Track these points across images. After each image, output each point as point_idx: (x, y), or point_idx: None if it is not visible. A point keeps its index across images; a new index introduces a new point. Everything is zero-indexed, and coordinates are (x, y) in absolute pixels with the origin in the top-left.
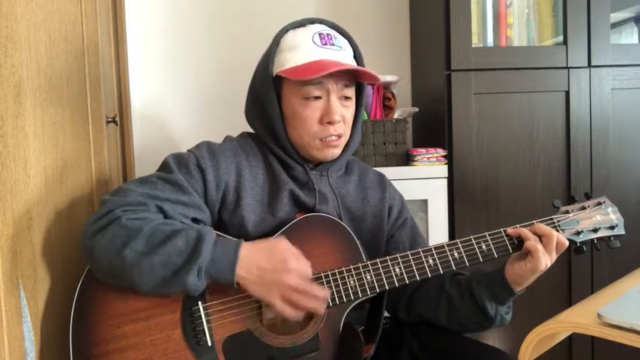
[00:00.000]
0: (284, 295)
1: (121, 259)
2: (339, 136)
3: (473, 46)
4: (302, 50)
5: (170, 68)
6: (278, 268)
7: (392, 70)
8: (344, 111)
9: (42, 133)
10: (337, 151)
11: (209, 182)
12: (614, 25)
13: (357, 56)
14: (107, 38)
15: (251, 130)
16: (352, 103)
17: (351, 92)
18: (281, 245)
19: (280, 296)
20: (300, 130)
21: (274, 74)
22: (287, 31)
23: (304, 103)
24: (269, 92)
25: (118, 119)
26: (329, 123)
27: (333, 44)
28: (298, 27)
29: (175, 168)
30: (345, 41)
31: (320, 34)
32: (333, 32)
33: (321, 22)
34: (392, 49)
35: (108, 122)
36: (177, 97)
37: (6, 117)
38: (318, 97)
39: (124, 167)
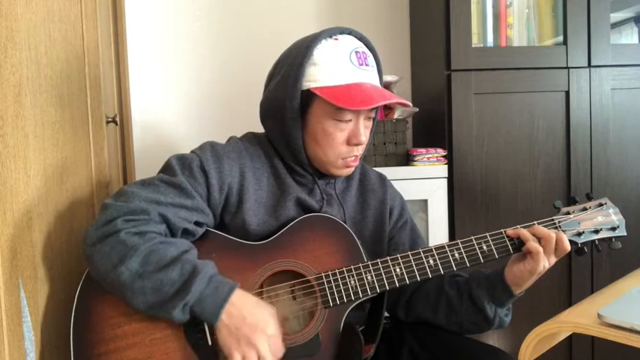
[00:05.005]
0: (247, 356)
1: (115, 275)
2: (357, 156)
3: (473, 46)
4: (339, 69)
5: (170, 68)
6: (257, 327)
7: (392, 70)
8: (367, 132)
9: (42, 133)
10: (353, 169)
11: (212, 185)
12: (614, 25)
13: (379, 71)
14: (107, 38)
15: (256, 130)
16: (372, 122)
17: (374, 113)
18: (270, 309)
19: (243, 355)
20: (327, 148)
21: (305, 88)
22: (319, 41)
23: (336, 124)
24: (294, 104)
25: (118, 119)
26: (355, 144)
27: (367, 64)
28: (330, 38)
29: (179, 170)
30: (372, 57)
31: (356, 53)
32: (365, 50)
33: (350, 32)
34: (392, 49)
35: (108, 122)
36: (177, 97)
37: (6, 117)
38: (349, 120)
39: (124, 167)
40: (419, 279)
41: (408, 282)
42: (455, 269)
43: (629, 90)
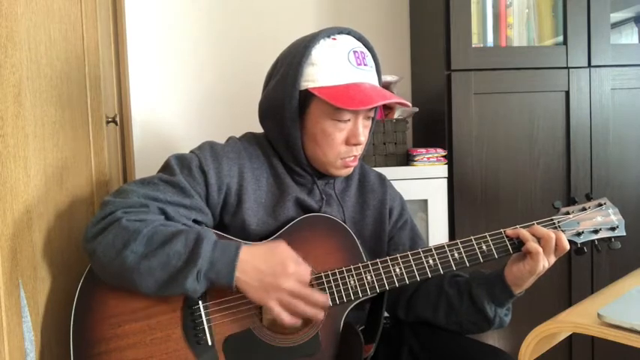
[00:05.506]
0: (281, 299)
1: (121, 260)
2: (356, 156)
3: (473, 46)
4: (337, 69)
5: (170, 68)
6: (276, 272)
7: (392, 70)
8: (366, 131)
9: (42, 133)
10: (352, 169)
11: (211, 185)
12: (614, 25)
13: (378, 71)
14: (107, 38)
15: (255, 130)
16: (371, 121)
17: (373, 113)
18: (280, 248)
19: (278, 300)
20: (326, 149)
21: (303, 88)
22: (317, 41)
23: (335, 125)
24: (292, 105)
25: (118, 119)
26: (354, 144)
27: (366, 64)
28: (328, 37)
29: (177, 170)
30: (370, 56)
31: (355, 53)
32: (364, 49)
33: (349, 32)
34: (392, 49)
35: (108, 122)
36: (177, 97)
37: (6, 117)
38: (347, 120)
39: (124, 167)
40: (418, 279)
41: (407, 282)
42: (454, 269)
43: (629, 90)
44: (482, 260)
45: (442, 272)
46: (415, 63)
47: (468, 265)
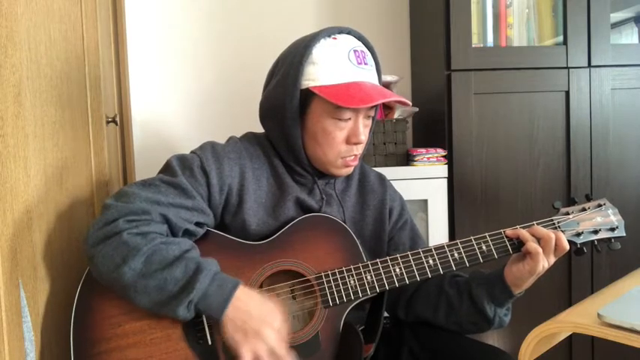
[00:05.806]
0: (256, 351)
1: (118, 275)
2: (357, 155)
3: (473, 46)
4: (338, 68)
5: (170, 68)
6: (264, 320)
7: (392, 70)
8: (366, 131)
9: (42, 133)
10: (352, 169)
11: (213, 186)
12: (614, 25)
13: (378, 70)
14: (107, 38)
15: (256, 130)
16: (372, 121)
17: (373, 112)
18: (274, 304)
19: (252, 351)
20: (326, 148)
21: (304, 87)
22: (318, 40)
23: (335, 123)
24: (293, 104)
25: (118, 119)
26: (355, 143)
27: (366, 63)
28: (328, 37)
29: (179, 171)
30: (370, 55)
31: (355, 52)
32: (364, 49)
33: (349, 31)
34: (392, 49)
35: (108, 122)
36: (177, 97)
37: (6, 117)
38: (348, 119)
39: (124, 167)
40: (418, 279)
41: (407, 282)
42: (454, 269)
43: (629, 90)
44: (482, 260)
45: (442, 272)
46: (415, 63)
47: (467, 265)
